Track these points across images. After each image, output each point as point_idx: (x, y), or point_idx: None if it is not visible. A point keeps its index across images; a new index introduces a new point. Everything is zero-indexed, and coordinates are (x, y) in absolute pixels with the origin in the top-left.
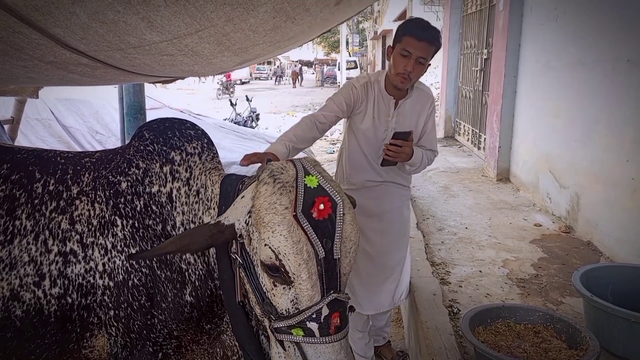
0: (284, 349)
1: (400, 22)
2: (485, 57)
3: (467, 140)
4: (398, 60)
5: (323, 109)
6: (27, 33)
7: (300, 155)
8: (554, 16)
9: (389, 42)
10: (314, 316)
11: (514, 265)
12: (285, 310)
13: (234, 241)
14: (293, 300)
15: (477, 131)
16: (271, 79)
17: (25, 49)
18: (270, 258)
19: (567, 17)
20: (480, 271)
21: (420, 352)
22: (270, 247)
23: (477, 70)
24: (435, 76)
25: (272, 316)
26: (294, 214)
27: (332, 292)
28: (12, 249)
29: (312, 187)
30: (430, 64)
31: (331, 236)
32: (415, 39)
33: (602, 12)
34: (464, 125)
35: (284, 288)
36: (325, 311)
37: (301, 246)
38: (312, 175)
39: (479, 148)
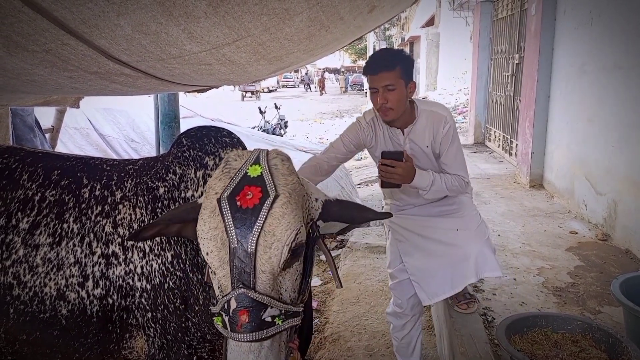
0: None
1: (428, 28)
2: (516, 62)
3: (498, 147)
4: (372, 98)
5: (327, 152)
6: (74, 45)
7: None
8: (588, 19)
9: (417, 48)
10: (225, 307)
11: (549, 273)
12: (216, 297)
13: None
14: (217, 287)
15: (509, 137)
16: (298, 86)
17: (72, 60)
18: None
19: (603, 20)
20: (515, 279)
21: None
22: (198, 230)
23: (508, 76)
24: (464, 82)
25: (214, 301)
26: (218, 198)
27: (240, 286)
28: (59, 251)
29: (250, 176)
30: (414, 82)
31: (249, 227)
32: (372, 75)
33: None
34: (495, 132)
35: (212, 274)
36: (233, 304)
37: (217, 232)
38: (260, 166)
39: (510, 154)
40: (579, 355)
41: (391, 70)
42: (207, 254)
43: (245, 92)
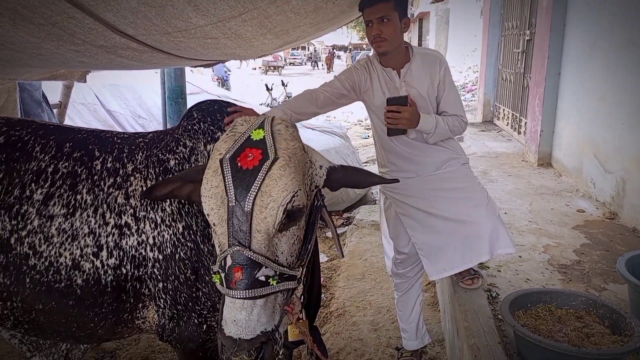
0: None
1: (438, 4)
2: (527, 38)
3: (507, 125)
4: (367, 32)
5: (324, 85)
6: (80, 18)
7: (331, 138)
8: None
9: (426, 24)
10: (222, 264)
11: (555, 251)
12: (217, 255)
13: None
14: (218, 246)
15: (518, 115)
16: (305, 64)
17: (78, 33)
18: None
19: None
20: (520, 256)
21: (458, 335)
22: (201, 189)
23: (518, 52)
24: (474, 59)
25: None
26: (221, 158)
27: (236, 243)
28: (74, 221)
29: (253, 139)
30: (409, 18)
31: (248, 187)
32: (367, 7)
33: None
34: (504, 109)
35: (214, 233)
36: (229, 261)
37: (217, 191)
38: (263, 130)
39: (519, 132)
40: (582, 331)
41: (387, 1)
42: (208, 211)
43: (269, 66)
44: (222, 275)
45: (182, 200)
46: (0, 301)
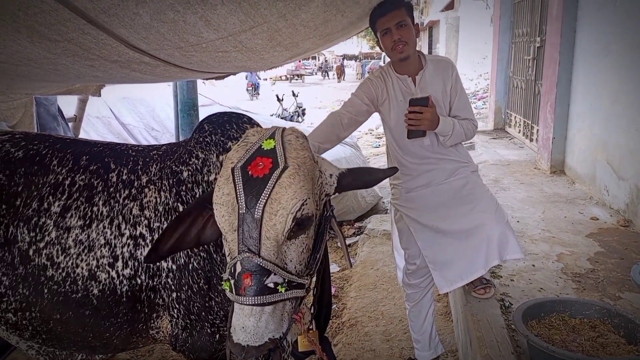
0: None
1: (448, 12)
2: (538, 45)
3: (519, 132)
4: (385, 41)
5: (345, 106)
6: (95, 34)
7: (342, 147)
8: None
9: (436, 33)
10: (232, 271)
11: (569, 259)
12: (227, 262)
13: None
14: (228, 254)
15: (529, 122)
16: (316, 74)
17: (93, 49)
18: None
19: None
20: (533, 265)
21: (471, 345)
22: (213, 197)
23: (529, 59)
24: (484, 67)
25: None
26: (232, 167)
27: (246, 250)
28: (90, 233)
29: (264, 149)
30: (418, 23)
31: (258, 194)
32: (382, 16)
33: None
34: (515, 117)
35: (225, 240)
36: (238, 268)
37: (229, 199)
38: (274, 140)
39: (531, 140)
40: (597, 341)
41: (399, 8)
42: (219, 218)
43: (293, 75)
44: (232, 282)
45: None
46: (20, 311)
